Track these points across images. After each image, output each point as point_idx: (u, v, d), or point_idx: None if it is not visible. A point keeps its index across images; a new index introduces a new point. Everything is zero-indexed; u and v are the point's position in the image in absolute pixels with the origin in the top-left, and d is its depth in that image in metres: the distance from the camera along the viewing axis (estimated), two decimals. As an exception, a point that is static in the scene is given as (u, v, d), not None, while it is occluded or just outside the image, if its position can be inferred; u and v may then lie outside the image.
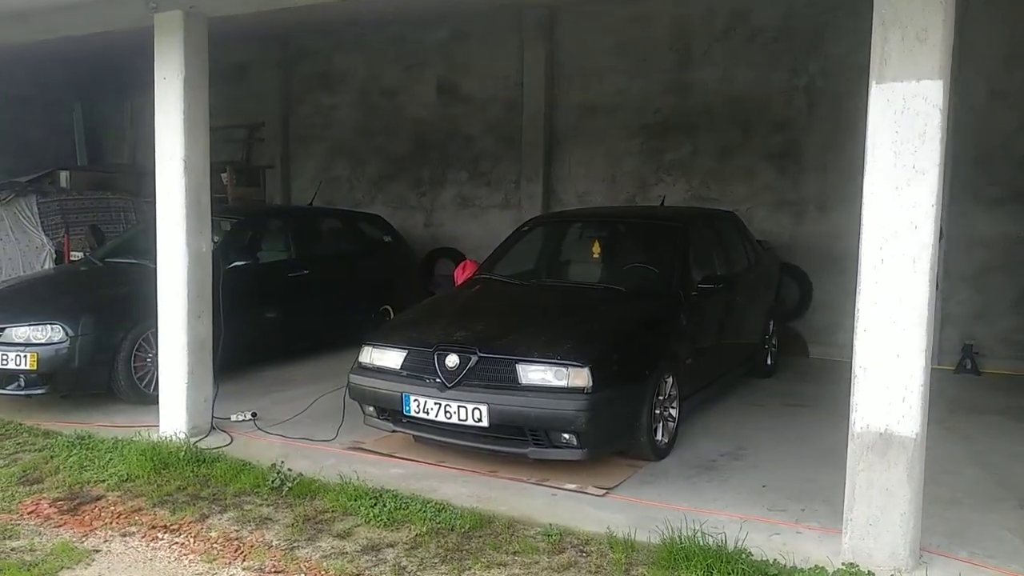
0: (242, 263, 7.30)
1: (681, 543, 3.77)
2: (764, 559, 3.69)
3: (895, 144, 3.50)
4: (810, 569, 3.59)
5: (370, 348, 5.28)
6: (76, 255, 9.34)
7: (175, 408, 5.64)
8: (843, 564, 3.62)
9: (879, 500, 3.64)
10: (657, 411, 5.08)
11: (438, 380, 4.84)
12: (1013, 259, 7.99)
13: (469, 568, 3.76)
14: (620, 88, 9.62)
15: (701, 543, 3.75)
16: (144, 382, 6.41)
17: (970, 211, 8.02)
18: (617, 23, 9.53)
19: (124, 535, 4.20)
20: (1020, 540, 4.03)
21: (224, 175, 10.79)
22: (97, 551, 4.02)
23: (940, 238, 6.65)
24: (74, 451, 5.31)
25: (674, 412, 5.31)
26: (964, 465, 5.15)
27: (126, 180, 11.80)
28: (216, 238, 6.17)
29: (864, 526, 3.67)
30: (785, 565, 3.65)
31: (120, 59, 13.17)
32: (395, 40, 11.07)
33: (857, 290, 3.65)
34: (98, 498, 4.66)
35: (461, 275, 7.64)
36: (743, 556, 3.69)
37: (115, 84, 13.64)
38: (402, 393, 4.94)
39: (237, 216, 7.92)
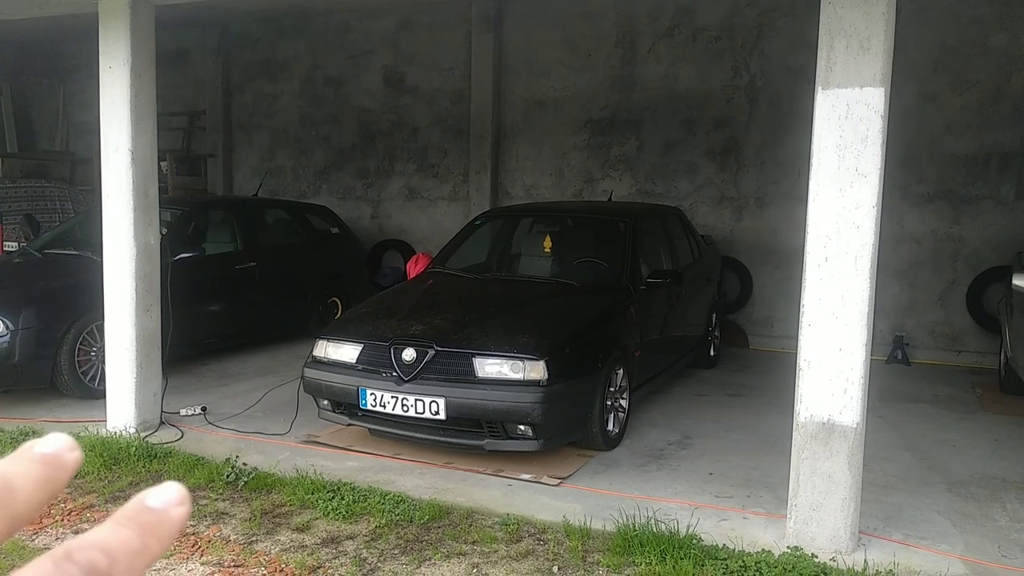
0: (187, 255, 7.18)
1: (635, 530, 3.91)
2: (714, 544, 3.86)
3: (839, 148, 3.68)
4: (757, 553, 3.76)
5: (325, 342, 5.28)
6: (10, 246, 9.05)
7: (123, 403, 5.55)
8: (788, 547, 3.80)
9: (822, 486, 3.83)
10: (609, 402, 5.22)
11: (395, 374, 4.88)
12: (940, 254, 8.39)
13: (429, 558, 3.83)
14: (567, 82, 9.73)
15: (654, 530, 3.90)
16: (88, 376, 6.29)
17: (900, 208, 8.37)
18: (565, 18, 9.63)
19: (76, 532, 4.14)
20: (949, 522, 4.28)
21: (163, 164, 10.56)
22: (48, 549, 3.95)
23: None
24: (18, 447, 5.17)
25: (624, 403, 5.46)
26: (896, 451, 5.42)
27: (61, 168, 11.44)
28: (163, 230, 6.06)
29: (808, 511, 3.86)
30: (734, 549, 3.81)
31: (53, 42, 12.77)
32: (340, 29, 10.97)
33: (802, 287, 3.83)
34: (46, 496, 4.57)
35: (414, 268, 7.67)
36: (694, 541, 3.84)
37: (47, 68, 13.20)
38: (358, 387, 4.97)
39: (181, 207, 7.79)
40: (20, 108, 13.61)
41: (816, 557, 3.71)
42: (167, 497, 0.37)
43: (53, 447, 0.37)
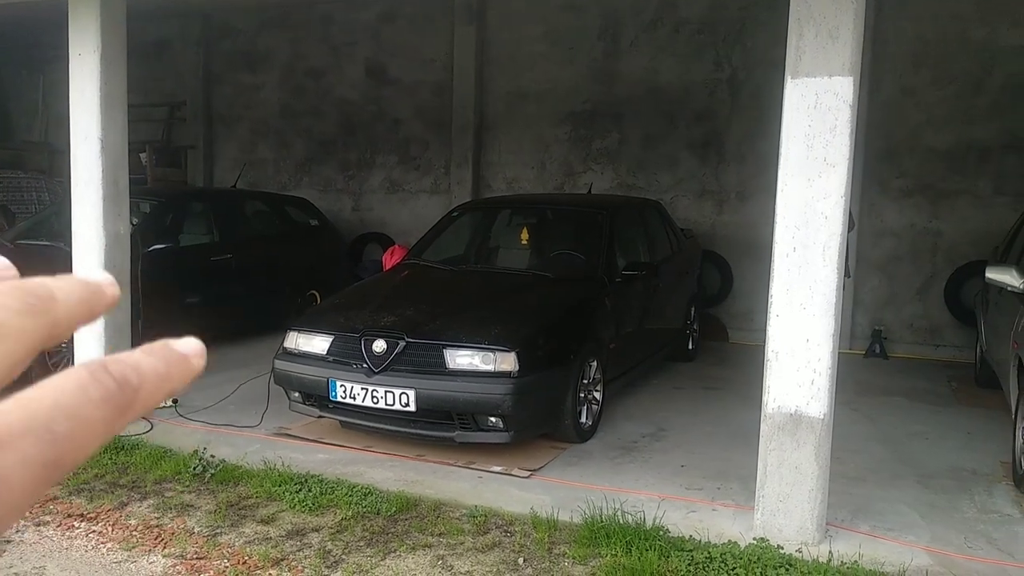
0: (162, 246, 7.12)
1: (602, 522, 3.89)
2: (681, 535, 3.84)
3: (808, 137, 3.66)
4: (723, 544, 3.75)
5: (295, 334, 5.24)
6: (-17, 236, 8.93)
7: (92, 395, 5.48)
8: (755, 539, 3.79)
9: (789, 477, 3.82)
10: (582, 394, 5.20)
11: (365, 365, 4.84)
12: (919, 248, 8.41)
13: (395, 550, 3.80)
14: (549, 75, 9.69)
15: (621, 521, 3.88)
16: (58, 370, 6.19)
17: (879, 202, 8.39)
18: (547, 10, 9.58)
19: (38, 524, 4.09)
20: (917, 514, 4.28)
21: (143, 155, 10.47)
22: (9, 541, 3.91)
23: (852, 228, 6.97)
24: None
25: (598, 395, 5.43)
26: (869, 444, 5.42)
27: (38, 158, 11.32)
28: (135, 220, 6.00)
29: (775, 502, 3.85)
30: (700, 541, 3.80)
31: (32, 32, 12.61)
32: (322, 20, 10.88)
33: (770, 277, 3.81)
34: (10, 488, 4.51)
35: (390, 260, 7.63)
36: (661, 533, 3.83)
37: (26, 58, 13.05)
38: (328, 379, 4.93)
39: (157, 198, 7.71)
40: (-1, 98, 13.48)
41: (782, 548, 3.70)
42: (189, 346, 0.40)
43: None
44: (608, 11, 9.38)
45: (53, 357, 6.18)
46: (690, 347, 7.79)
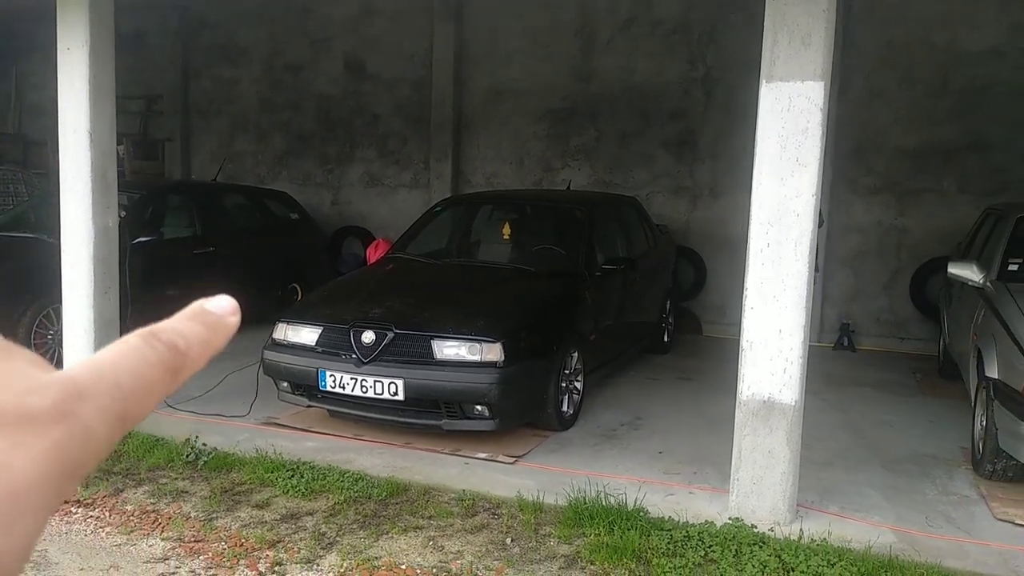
0: (146, 239, 7.17)
1: (585, 504, 4.08)
2: (660, 516, 4.04)
3: (781, 139, 3.86)
4: (701, 524, 3.95)
5: (284, 325, 5.36)
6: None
7: (81, 385, 5.55)
8: (730, 519, 4.00)
9: (762, 461, 4.03)
10: (563, 384, 5.38)
11: (354, 356, 4.98)
12: (885, 245, 8.70)
13: (387, 532, 3.95)
14: (528, 73, 9.84)
15: (603, 503, 4.07)
16: (46, 359, 6.25)
17: (848, 199, 8.67)
18: (525, 8, 9.72)
19: (35, 511, 4.18)
20: (882, 496, 4.52)
21: (120, 148, 10.44)
22: None
23: (821, 225, 7.22)
24: None
25: (579, 385, 5.62)
26: (837, 432, 5.67)
27: (13, 150, 11.26)
28: (123, 213, 6.06)
29: (749, 485, 4.06)
30: (679, 521, 4.00)
31: (5, 23, 12.50)
32: (300, 14, 10.93)
33: (745, 271, 4.01)
34: (4, 475, 4.59)
35: (374, 254, 7.76)
36: (641, 514, 4.02)
37: (0, 49, 12.93)
38: (318, 369, 5.05)
39: (139, 191, 7.76)
40: (-30, 89, 13.34)
41: (756, 527, 3.91)
42: (223, 305, 0.42)
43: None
44: (584, 10, 9.55)
45: (40, 348, 6.25)
46: (665, 340, 8.00)
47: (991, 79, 8.14)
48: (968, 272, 5.52)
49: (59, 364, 5.76)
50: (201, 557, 3.73)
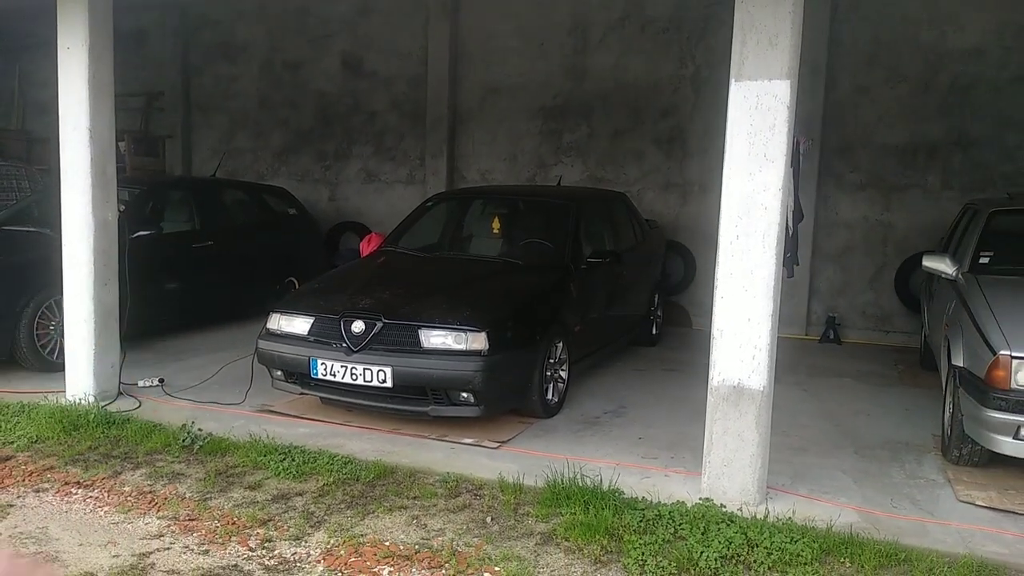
0: (145, 233, 7.34)
1: (562, 485, 4.25)
2: (634, 496, 4.21)
3: (750, 135, 4.03)
4: (673, 504, 4.12)
5: (278, 315, 5.54)
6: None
7: (81, 373, 5.74)
8: (701, 499, 4.17)
9: (732, 444, 4.20)
10: (548, 373, 5.56)
11: (344, 345, 5.16)
12: (871, 240, 8.86)
13: (373, 512, 4.14)
14: (521, 70, 10.01)
15: (580, 484, 4.24)
16: (47, 350, 6.46)
17: (834, 195, 8.83)
18: (519, 6, 9.90)
19: (37, 491, 4.37)
20: (851, 480, 4.69)
21: (121, 144, 10.63)
22: (11, 505, 4.19)
23: (801, 220, 7.37)
24: (-21, 416, 5.37)
25: (564, 374, 5.79)
26: (814, 420, 5.84)
27: (17, 146, 11.45)
28: (122, 207, 6.23)
29: (720, 467, 4.23)
30: (652, 501, 4.17)
31: (6, 20, 12.67)
32: (298, 12, 11.11)
33: (716, 262, 4.18)
34: (7, 458, 4.78)
35: (367, 248, 7.93)
36: (616, 495, 4.20)
37: (3, 47, 13.11)
38: (309, 357, 5.24)
39: (140, 186, 7.94)
40: (-27, 86, 13.52)
41: (725, 507, 4.08)
42: None
43: None
44: (577, 9, 9.71)
45: (41, 339, 6.44)
46: (653, 332, 8.17)
47: (975, 77, 8.29)
48: (942, 265, 5.68)
49: (61, 354, 5.95)
50: (195, 534, 3.91)
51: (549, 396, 5.61)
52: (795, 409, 5.95)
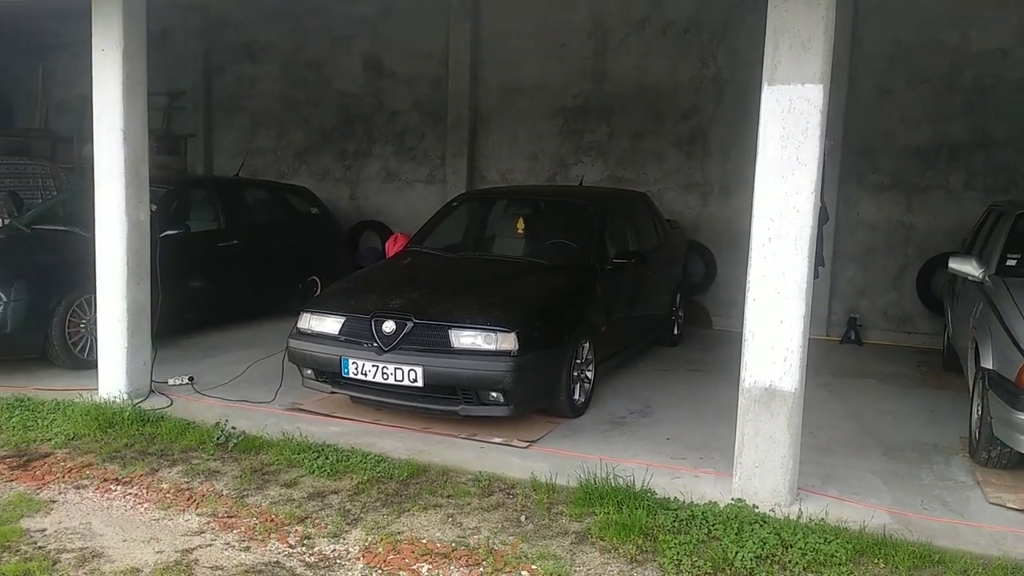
0: (173, 232, 7.41)
1: (595, 485, 4.30)
2: (666, 497, 4.26)
3: (782, 139, 4.05)
4: (705, 504, 4.16)
5: (309, 315, 5.61)
6: (-7, 222, 9.21)
7: (114, 371, 5.82)
8: (733, 500, 4.21)
9: (764, 446, 4.23)
10: (575, 373, 5.60)
11: (375, 344, 5.22)
12: (893, 240, 8.86)
13: (408, 510, 4.19)
14: (541, 71, 10.05)
15: (612, 484, 4.29)
16: (78, 348, 6.55)
17: (856, 196, 8.83)
18: (539, 8, 9.92)
19: (77, 487, 4.45)
20: (880, 481, 4.71)
21: (145, 143, 10.73)
22: (54, 501, 4.27)
23: (826, 222, 7.38)
24: (15, 412, 5.45)
25: (590, 374, 5.84)
26: (841, 420, 5.86)
27: (42, 145, 11.58)
28: (154, 207, 6.31)
29: (751, 468, 4.27)
30: (684, 501, 4.22)
31: (31, 20, 12.82)
32: (321, 13, 11.16)
33: (748, 264, 4.21)
34: (46, 455, 4.86)
35: (392, 247, 7.99)
36: (648, 495, 4.24)
37: (26, 46, 13.26)
38: (341, 356, 5.30)
39: (166, 186, 8.02)
40: (-2, 86, 13.67)
41: (757, 508, 4.12)
42: None
43: None
44: (598, 10, 9.74)
45: (72, 337, 6.53)
46: (675, 332, 8.20)
47: (998, 78, 8.28)
48: (968, 267, 5.69)
49: (93, 350, 6.04)
50: (235, 531, 3.98)
51: (576, 396, 5.65)
52: (821, 410, 5.95)
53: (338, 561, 3.70)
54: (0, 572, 3.48)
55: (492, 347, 5.07)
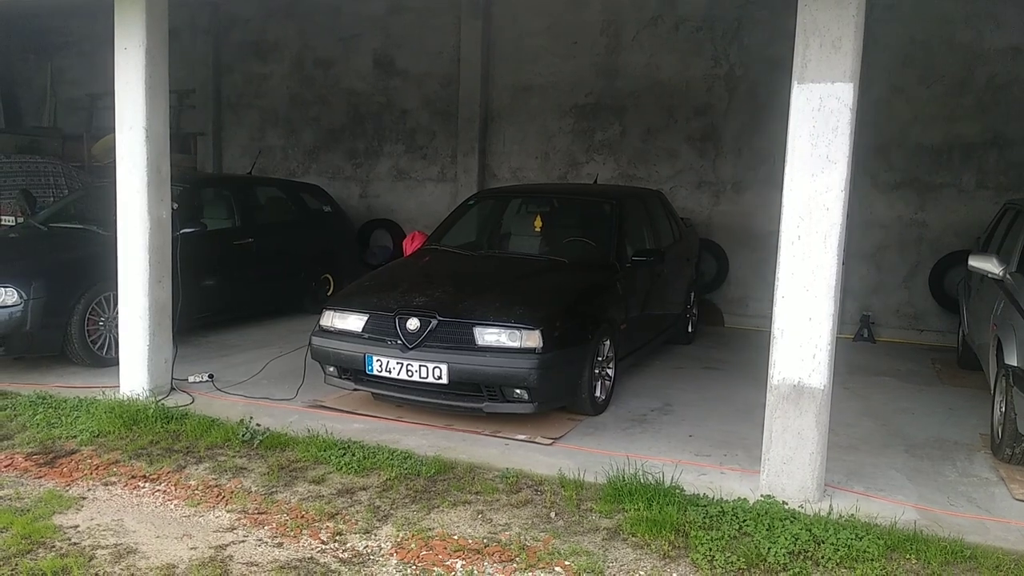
0: (190, 230, 7.42)
1: (624, 481, 4.32)
2: (695, 493, 4.27)
3: (812, 137, 4.07)
4: (734, 501, 4.18)
5: (332, 312, 5.62)
6: (7, 220, 9.23)
7: (136, 369, 5.83)
8: (761, 496, 4.23)
9: (792, 442, 4.25)
10: (596, 370, 5.62)
11: (399, 342, 5.23)
12: (905, 239, 8.88)
13: (437, 506, 4.21)
14: (553, 69, 10.06)
15: (641, 481, 4.30)
16: (97, 345, 6.56)
17: (869, 195, 8.84)
18: (551, 5, 9.93)
19: (106, 484, 4.46)
20: (905, 477, 4.73)
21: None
22: (84, 498, 4.28)
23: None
24: (38, 410, 5.47)
25: (611, 372, 5.85)
26: (861, 418, 5.88)
27: (52, 144, 11.58)
28: (175, 205, 6.31)
29: (779, 464, 4.28)
30: (713, 498, 4.23)
31: (40, 19, 12.83)
32: (330, 11, 11.17)
33: (777, 262, 4.22)
34: (72, 452, 4.88)
35: (410, 245, 8.00)
36: (677, 491, 4.26)
37: (34, 44, 13.28)
38: (364, 354, 5.31)
39: (183, 184, 8.02)
40: (5, 84, 13.67)
41: (786, 504, 4.14)
42: None
43: None
44: (610, 7, 9.75)
45: (92, 335, 6.54)
46: (689, 330, 8.22)
47: (1012, 76, 8.30)
48: (988, 265, 5.70)
49: (111, 348, 6.05)
50: (266, 527, 3.99)
51: (597, 393, 5.67)
52: (839, 407, 5.91)
53: (371, 557, 3.72)
54: (39, 568, 3.49)
55: (516, 344, 5.08)
